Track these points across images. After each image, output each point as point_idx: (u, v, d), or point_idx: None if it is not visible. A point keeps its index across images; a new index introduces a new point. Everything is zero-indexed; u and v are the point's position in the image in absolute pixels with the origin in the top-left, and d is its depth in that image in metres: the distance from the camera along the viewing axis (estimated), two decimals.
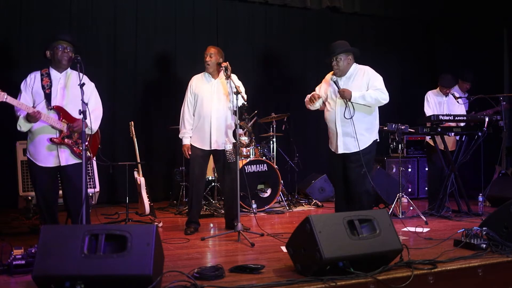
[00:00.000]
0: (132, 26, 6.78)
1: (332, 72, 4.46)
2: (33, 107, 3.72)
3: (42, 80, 3.81)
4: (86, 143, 3.75)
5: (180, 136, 4.72)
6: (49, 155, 3.78)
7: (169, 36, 7.00)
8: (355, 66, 4.41)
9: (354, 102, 4.23)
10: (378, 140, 4.48)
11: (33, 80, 3.83)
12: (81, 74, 3.67)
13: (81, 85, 3.54)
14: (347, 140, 4.32)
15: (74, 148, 3.82)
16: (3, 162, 5.69)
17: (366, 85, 4.30)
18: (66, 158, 3.80)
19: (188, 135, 4.66)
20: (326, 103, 4.49)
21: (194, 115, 4.66)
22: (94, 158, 4.23)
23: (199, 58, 4.76)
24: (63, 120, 3.76)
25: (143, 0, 6.84)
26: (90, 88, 4.01)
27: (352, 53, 4.39)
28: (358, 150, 4.25)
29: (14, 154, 5.13)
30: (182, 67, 6.82)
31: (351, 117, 4.24)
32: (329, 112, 4.43)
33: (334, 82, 4.30)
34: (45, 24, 6.24)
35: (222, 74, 4.64)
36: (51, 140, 3.73)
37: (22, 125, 3.74)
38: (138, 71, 6.84)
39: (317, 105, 4.47)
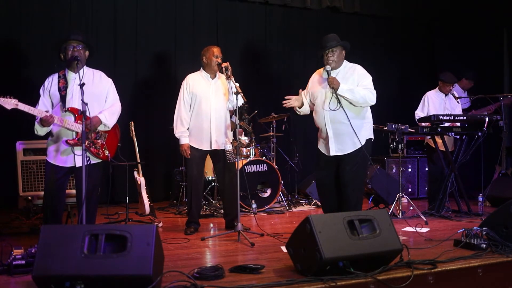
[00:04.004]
0: (132, 26, 6.78)
1: (320, 70, 4.36)
2: (47, 110, 3.72)
3: (58, 82, 3.82)
4: (87, 142, 3.77)
5: (177, 135, 4.62)
6: (66, 156, 3.81)
7: (169, 36, 7.00)
8: (346, 63, 4.28)
9: (340, 95, 4.04)
10: (373, 139, 4.30)
11: (50, 83, 3.86)
12: (81, 74, 3.70)
13: (81, 85, 3.56)
14: (340, 141, 4.14)
15: (91, 149, 3.84)
16: (3, 162, 5.69)
17: (356, 83, 4.14)
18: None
19: (187, 134, 4.59)
20: (314, 107, 4.32)
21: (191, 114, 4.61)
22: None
23: (199, 58, 4.75)
24: (79, 121, 3.74)
25: (143, 0, 6.85)
26: (108, 83, 4.05)
27: (344, 48, 4.25)
28: (353, 150, 4.12)
29: (14, 154, 5.12)
30: (182, 67, 6.81)
31: (335, 109, 4.06)
32: (318, 113, 4.25)
33: (327, 71, 4.14)
34: (44, 24, 6.24)
35: (219, 73, 4.63)
36: (67, 142, 3.75)
37: (39, 130, 3.77)
38: (138, 71, 6.85)
39: (303, 108, 4.36)
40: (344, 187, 4.16)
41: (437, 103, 5.87)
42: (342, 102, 4.07)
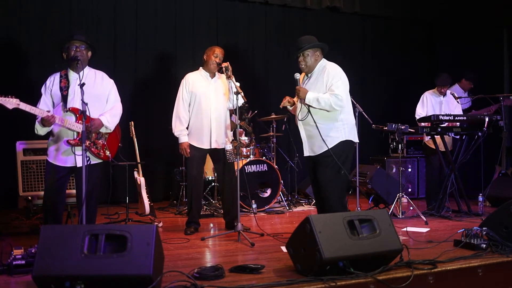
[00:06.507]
0: (132, 26, 6.78)
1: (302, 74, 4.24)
2: (48, 110, 3.72)
3: (60, 81, 3.83)
4: (88, 143, 3.78)
5: (176, 134, 4.61)
6: (67, 156, 3.81)
7: (169, 36, 7.00)
8: (322, 63, 4.10)
9: (307, 104, 3.93)
10: (355, 141, 4.09)
11: (52, 82, 3.86)
12: (81, 74, 3.70)
13: (81, 85, 3.56)
14: (311, 142, 4.02)
15: (92, 149, 3.84)
16: (3, 162, 5.69)
17: (325, 84, 3.96)
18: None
19: (186, 133, 4.59)
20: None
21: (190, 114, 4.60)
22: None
23: (199, 58, 4.75)
24: (80, 121, 3.73)
25: (143, 0, 6.85)
26: (109, 84, 4.04)
27: (320, 48, 4.12)
28: (322, 152, 3.93)
29: (14, 154, 5.13)
30: (182, 67, 6.80)
31: (304, 119, 3.96)
32: (296, 113, 4.16)
33: (296, 79, 4.06)
34: (45, 24, 6.25)
35: (218, 72, 4.63)
36: (68, 142, 3.75)
37: (39, 129, 3.77)
38: (138, 71, 6.85)
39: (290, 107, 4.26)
40: (321, 191, 4.03)
41: (434, 104, 5.87)
42: (310, 108, 3.96)
